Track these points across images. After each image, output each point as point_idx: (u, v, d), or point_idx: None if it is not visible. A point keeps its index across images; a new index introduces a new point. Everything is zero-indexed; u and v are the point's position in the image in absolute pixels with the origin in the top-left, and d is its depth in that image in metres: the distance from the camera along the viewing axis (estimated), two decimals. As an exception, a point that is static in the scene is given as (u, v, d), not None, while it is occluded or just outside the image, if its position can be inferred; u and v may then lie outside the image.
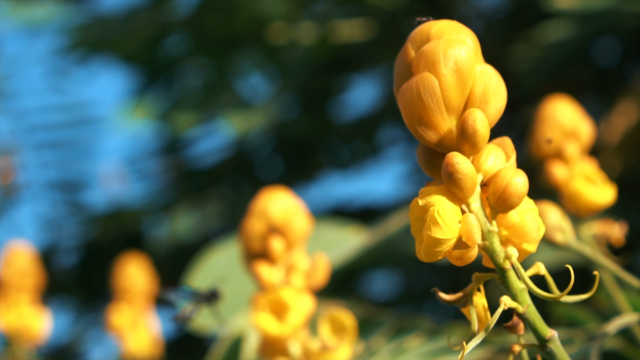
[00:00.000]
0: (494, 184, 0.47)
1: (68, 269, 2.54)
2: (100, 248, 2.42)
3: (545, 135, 0.77)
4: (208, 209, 2.15)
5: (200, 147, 2.44)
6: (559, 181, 0.75)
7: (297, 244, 0.72)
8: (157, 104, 2.17)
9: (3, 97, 2.31)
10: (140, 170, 2.60)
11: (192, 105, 2.14)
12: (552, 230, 0.60)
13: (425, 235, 0.46)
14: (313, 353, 0.69)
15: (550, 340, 0.47)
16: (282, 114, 2.13)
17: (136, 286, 1.24)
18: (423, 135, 0.47)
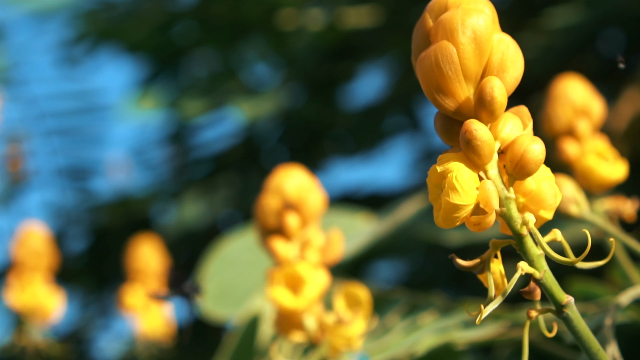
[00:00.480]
0: (511, 151, 0.48)
1: (76, 256, 2.55)
2: (108, 235, 2.44)
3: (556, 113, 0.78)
4: (216, 196, 2.16)
5: (208, 134, 2.45)
6: (571, 158, 0.76)
7: (312, 219, 0.73)
8: (165, 93, 2.18)
9: (12, 84, 2.32)
10: (148, 159, 2.61)
11: (200, 92, 2.15)
12: (566, 203, 0.61)
13: (444, 202, 0.46)
14: (328, 327, 0.70)
15: (566, 305, 0.48)
16: (290, 101, 2.14)
17: (149, 267, 1.25)
18: (441, 103, 0.48)
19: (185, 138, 2.47)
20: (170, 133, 2.47)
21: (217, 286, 1.09)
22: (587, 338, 0.49)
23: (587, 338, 0.49)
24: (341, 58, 2.29)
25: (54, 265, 1.10)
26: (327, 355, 0.70)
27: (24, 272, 1.08)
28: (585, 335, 0.49)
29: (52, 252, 1.10)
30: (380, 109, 2.32)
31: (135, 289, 1.22)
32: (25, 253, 1.08)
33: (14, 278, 1.08)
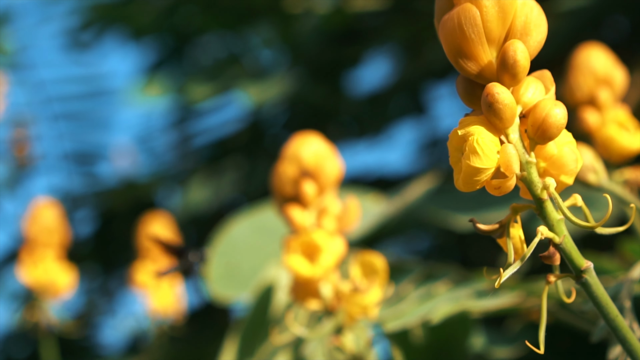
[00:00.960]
0: (533, 115, 0.48)
1: (82, 241, 2.56)
2: (114, 220, 2.44)
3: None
4: (221, 181, 2.16)
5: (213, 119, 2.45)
6: (592, 127, 0.76)
7: (328, 187, 0.73)
8: (170, 79, 2.18)
9: (19, 68, 2.32)
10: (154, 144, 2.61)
11: (206, 77, 2.15)
12: (585, 171, 0.61)
13: (464, 165, 0.46)
14: (344, 295, 0.70)
15: (585, 271, 0.48)
16: (296, 86, 2.13)
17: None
18: (464, 66, 0.48)
19: (191, 123, 2.47)
20: (176, 118, 2.47)
21: (224, 267, 1.09)
22: (605, 304, 0.49)
23: (605, 304, 0.49)
24: (347, 42, 2.29)
25: (66, 242, 1.11)
26: (343, 323, 0.70)
27: (35, 248, 1.08)
28: (604, 301, 0.49)
29: (64, 228, 1.10)
30: (386, 95, 2.31)
31: (146, 266, 1.23)
32: (37, 230, 1.08)
33: (26, 255, 1.08)
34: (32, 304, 1.09)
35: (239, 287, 1.08)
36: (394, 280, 0.88)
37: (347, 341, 0.70)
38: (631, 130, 0.75)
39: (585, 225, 0.47)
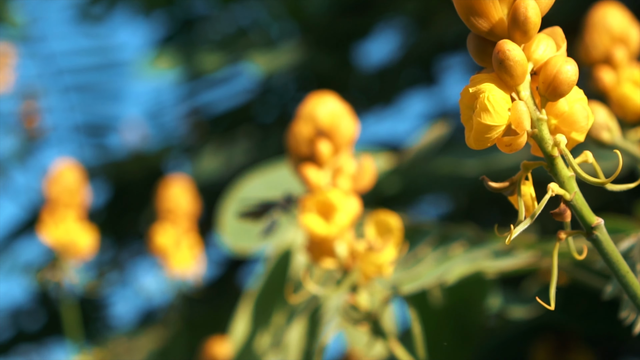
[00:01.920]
0: (544, 72, 0.48)
1: (93, 212, 2.58)
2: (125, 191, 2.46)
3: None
4: (232, 151, 2.17)
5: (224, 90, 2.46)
6: (607, 86, 0.76)
7: (344, 147, 0.74)
8: (180, 51, 2.18)
9: (30, 41, 2.33)
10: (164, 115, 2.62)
11: (215, 48, 2.15)
12: (598, 129, 0.61)
13: (475, 122, 0.47)
14: (359, 254, 0.71)
15: (596, 227, 0.49)
16: (305, 56, 2.13)
17: (180, 207, 1.27)
18: (475, 23, 0.48)
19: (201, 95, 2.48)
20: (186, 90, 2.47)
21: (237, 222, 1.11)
22: (616, 260, 0.49)
23: (616, 260, 0.49)
24: (357, 14, 2.28)
25: (86, 203, 1.12)
26: (358, 281, 0.71)
27: (57, 209, 1.10)
28: (615, 258, 0.49)
29: (84, 190, 1.12)
30: (396, 66, 2.31)
31: (166, 228, 1.24)
32: (58, 190, 1.10)
33: (48, 215, 1.10)
34: (53, 263, 1.11)
35: (253, 241, 1.09)
36: (411, 241, 0.89)
37: (362, 299, 0.71)
38: (647, 89, 0.75)
39: (596, 181, 0.47)
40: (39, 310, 2.54)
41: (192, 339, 1.41)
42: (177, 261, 1.24)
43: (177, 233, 1.26)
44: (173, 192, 1.28)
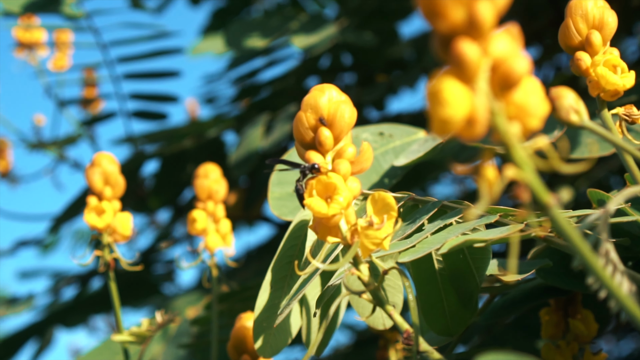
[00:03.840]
0: (499, 66, 0.50)
1: (147, 183, 2.63)
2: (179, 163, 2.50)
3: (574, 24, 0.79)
4: (276, 124, 2.19)
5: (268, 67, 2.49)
6: (586, 68, 0.77)
7: (344, 133, 0.76)
8: (227, 33, 2.20)
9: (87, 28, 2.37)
10: (215, 92, 2.65)
11: (258, 28, 2.16)
12: (568, 112, 0.62)
13: (435, 114, 0.49)
14: (360, 230, 0.73)
15: (550, 206, 0.51)
16: (344, 34, 2.14)
17: (215, 193, 1.29)
18: (435, 23, 0.50)
19: (247, 72, 2.51)
20: (235, 70, 2.50)
21: (279, 193, 1.14)
22: (570, 234, 0.51)
23: (570, 234, 0.51)
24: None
25: (125, 189, 1.15)
26: (359, 254, 0.74)
27: (99, 195, 1.13)
28: (569, 232, 0.51)
29: (122, 177, 1.15)
30: None
31: (204, 211, 1.27)
32: (99, 178, 1.13)
33: (92, 200, 1.13)
34: (100, 245, 1.14)
35: (294, 211, 1.12)
36: (412, 216, 0.91)
37: (363, 271, 0.74)
38: (622, 69, 0.76)
39: (545, 165, 0.49)
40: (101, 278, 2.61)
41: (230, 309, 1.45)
42: (213, 241, 1.27)
43: (214, 217, 1.28)
44: (210, 178, 1.30)
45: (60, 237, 3.11)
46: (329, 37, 2.04)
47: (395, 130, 1.17)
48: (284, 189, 1.15)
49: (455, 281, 0.91)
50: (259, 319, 0.95)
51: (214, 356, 1.25)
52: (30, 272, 2.94)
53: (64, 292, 2.63)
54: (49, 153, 2.66)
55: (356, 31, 2.18)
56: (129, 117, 2.58)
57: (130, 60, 2.45)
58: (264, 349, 0.96)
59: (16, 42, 2.56)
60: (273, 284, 0.92)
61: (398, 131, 1.18)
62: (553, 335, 1.06)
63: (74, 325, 2.49)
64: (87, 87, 2.73)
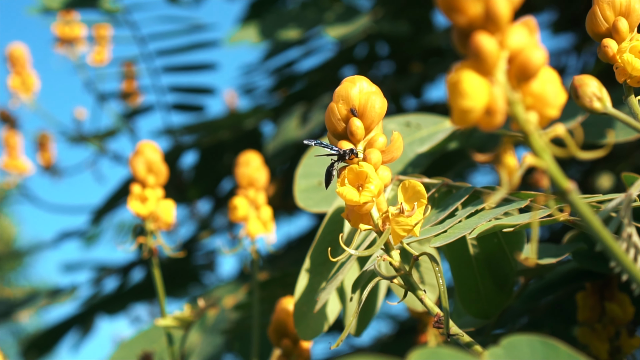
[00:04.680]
0: (516, 58, 0.53)
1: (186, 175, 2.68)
2: (218, 153, 2.54)
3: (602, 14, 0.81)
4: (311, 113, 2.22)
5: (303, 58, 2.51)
6: (612, 55, 0.79)
7: (374, 123, 0.79)
8: (263, 23, 2.24)
9: (126, 23, 2.42)
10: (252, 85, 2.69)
11: (293, 19, 2.19)
12: (591, 99, 0.65)
13: (455, 104, 0.52)
14: (391, 217, 0.77)
15: (569, 191, 0.53)
16: (379, 23, 2.16)
17: (256, 180, 1.32)
18: (455, 19, 0.53)
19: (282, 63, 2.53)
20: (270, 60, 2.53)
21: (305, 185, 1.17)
22: (589, 218, 0.54)
23: (589, 218, 0.54)
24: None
25: (167, 178, 1.19)
26: (390, 241, 0.77)
27: (143, 183, 1.18)
28: (588, 216, 0.54)
29: (165, 166, 1.19)
30: None
31: (245, 198, 1.30)
32: (142, 167, 1.17)
33: (135, 188, 1.17)
34: (143, 233, 1.18)
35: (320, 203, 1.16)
36: (445, 201, 0.94)
37: (394, 257, 0.77)
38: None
39: (562, 152, 0.52)
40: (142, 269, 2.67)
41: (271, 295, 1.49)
42: (254, 228, 1.30)
43: (255, 204, 1.31)
44: (250, 166, 1.33)
45: (103, 230, 3.18)
46: (362, 27, 2.06)
47: (422, 120, 1.20)
48: (310, 181, 1.18)
49: (491, 265, 0.94)
50: (299, 304, 0.98)
51: (254, 340, 1.29)
52: (73, 264, 3.01)
53: (105, 283, 2.69)
54: (90, 146, 2.73)
55: (391, 21, 2.19)
56: (167, 109, 2.64)
57: (167, 53, 2.50)
58: (304, 332, 1.00)
59: (56, 38, 2.63)
60: (312, 269, 0.96)
61: (425, 121, 1.20)
62: (589, 319, 1.08)
63: (116, 313, 2.56)
64: (126, 80, 2.79)
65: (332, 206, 1.04)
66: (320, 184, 1.16)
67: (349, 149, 0.77)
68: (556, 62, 2.49)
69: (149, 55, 2.51)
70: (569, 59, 2.47)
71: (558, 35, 2.54)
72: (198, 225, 2.88)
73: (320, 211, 1.14)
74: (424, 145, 1.16)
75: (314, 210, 1.14)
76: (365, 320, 1.06)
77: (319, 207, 1.14)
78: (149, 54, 2.51)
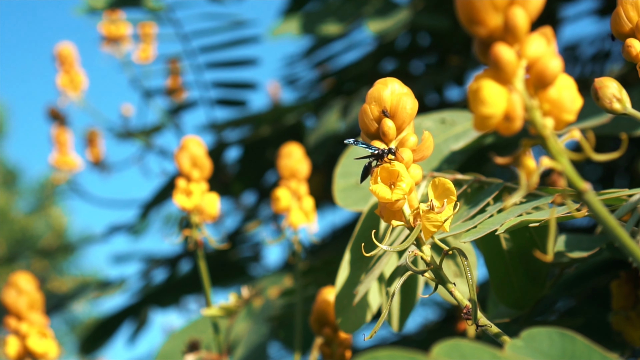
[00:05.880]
0: (534, 67, 0.56)
1: (230, 169, 2.73)
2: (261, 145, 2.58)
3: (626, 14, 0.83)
4: (352, 106, 2.24)
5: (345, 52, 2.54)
6: (635, 54, 0.81)
7: (406, 123, 0.82)
8: (304, 18, 2.26)
9: (169, 21, 2.47)
10: (294, 76, 2.72)
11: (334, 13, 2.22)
12: (611, 100, 0.67)
13: (476, 111, 0.55)
14: (421, 213, 0.80)
15: (585, 192, 0.56)
16: (418, 17, 2.18)
17: (298, 172, 1.35)
18: (476, 31, 0.56)
19: (324, 57, 2.56)
20: (311, 53, 2.56)
21: (343, 184, 1.20)
22: (605, 217, 0.57)
23: (605, 217, 0.57)
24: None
25: (211, 172, 1.23)
26: (421, 236, 0.80)
27: (187, 177, 1.22)
28: (603, 215, 0.57)
29: (209, 160, 1.23)
30: None
31: (287, 189, 1.33)
32: (187, 161, 1.21)
33: (181, 182, 1.22)
34: (189, 225, 1.22)
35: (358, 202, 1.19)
36: (477, 196, 0.97)
37: (425, 252, 0.80)
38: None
39: (577, 155, 0.55)
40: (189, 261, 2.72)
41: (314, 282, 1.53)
42: (297, 219, 1.33)
43: (297, 196, 1.34)
44: (292, 158, 1.36)
45: (150, 222, 3.25)
46: (402, 21, 2.08)
47: (457, 117, 1.23)
48: (348, 180, 1.21)
49: (523, 258, 0.97)
50: (339, 296, 1.02)
51: (297, 328, 1.33)
52: (123, 255, 3.09)
53: (154, 274, 2.76)
54: (137, 141, 2.80)
55: (431, 14, 2.21)
56: (211, 104, 2.70)
57: (210, 49, 2.55)
58: (345, 325, 1.03)
59: (102, 37, 2.70)
60: (352, 263, 1.00)
61: (460, 117, 1.23)
62: (624, 307, 1.10)
63: (167, 305, 2.62)
64: (171, 76, 2.85)
65: (369, 203, 1.07)
66: (357, 184, 1.19)
67: (387, 148, 0.80)
68: (600, 46, 2.49)
69: (192, 52, 2.56)
70: (613, 44, 2.47)
71: (604, 19, 2.53)
72: (244, 216, 2.93)
73: (358, 209, 1.17)
74: (459, 141, 1.18)
75: (353, 208, 1.17)
76: (405, 313, 1.09)
77: (357, 205, 1.18)
78: (192, 51, 2.56)
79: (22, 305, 1.06)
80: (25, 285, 1.07)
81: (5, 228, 10.67)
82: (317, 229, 1.36)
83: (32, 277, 1.08)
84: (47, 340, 1.06)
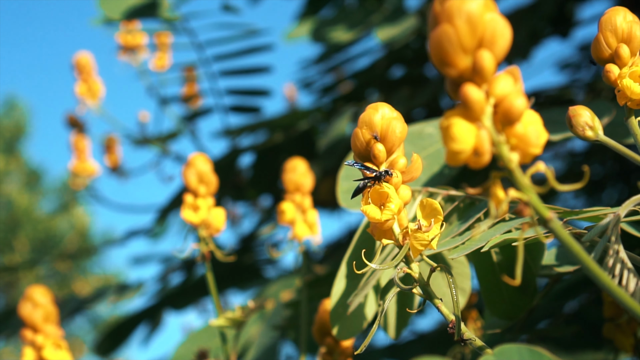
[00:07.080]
0: (501, 105, 0.59)
1: (245, 174, 2.77)
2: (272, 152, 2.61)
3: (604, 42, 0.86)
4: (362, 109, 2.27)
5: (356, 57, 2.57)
6: (614, 79, 0.84)
7: (395, 146, 0.85)
8: (317, 23, 2.29)
9: (184, 30, 2.52)
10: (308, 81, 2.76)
11: (345, 20, 2.25)
12: (583, 128, 0.71)
13: (446, 147, 0.59)
14: (410, 232, 0.83)
15: (549, 220, 0.60)
16: (426, 25, 2.20)
17: (303, 185, 1.38)
18: (446, 71, 0.60)
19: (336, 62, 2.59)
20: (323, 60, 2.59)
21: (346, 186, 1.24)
22: (569, 244, 0.60)
23: (569, 244, 0.60)
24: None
25: (217, 186, 1.27)
26: (409, 254, 0.84)
27: (195, 192, 1.26)
28: (568, 242, 0.60)
29: (215, 175, 1.26)
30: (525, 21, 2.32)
31: (292, 202, 1.37)
32: (194, 177, 1.25)
33: (188, 198, 1.26)
34: (196, 237, 1.26)
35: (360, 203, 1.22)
36: (468, 213, 1.01)
37: (414, 269, 0.84)
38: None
39: (540, 188, 0.58)
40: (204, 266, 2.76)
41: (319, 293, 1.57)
42: (301, 231, 1.36)
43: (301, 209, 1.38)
44: (296, 173, 1.39)
45: (169, 224, 3.30)
46: (409, 28, 2.11)
47: None
48: (351, 183, 1.25)
49: (512, 271, 1.00)
50: (336, 307, 1.06)
51: (302, 338, 1.37)
52: (142, 257, 3.14)
53: (171, 277, 2.81)
54: (154, 148, 2.85)
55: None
56: (225, 111, 2.74)
57: (224, 58, 2.60)
58: (341, 333, 1.07)
59: (119, 46, 2.75)
60: (347, 275, 1.04)
61: None
62: (615, 315, 1.13)
63: (183, 307, 2.67)
64: (187, 84, 2.90)
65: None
66: None
67: (384, 171, 0.84)
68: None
69: (207, 61, 2.61)
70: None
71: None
72: (261, 218, 2.97)
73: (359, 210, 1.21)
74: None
75: (355, 209, 1.21)
76: (402, 322, 1.13)
77: (359, 207, 1.21)
78: (206, 59, 2.60)
79: (37, 318, 1.11)
80: (41, 299, 1.12)
81: (29, 228, 10.82)
82: (321, 240, 1.40)
83: (47, 291, 1.13)
84: (62, 352, 1.10)
